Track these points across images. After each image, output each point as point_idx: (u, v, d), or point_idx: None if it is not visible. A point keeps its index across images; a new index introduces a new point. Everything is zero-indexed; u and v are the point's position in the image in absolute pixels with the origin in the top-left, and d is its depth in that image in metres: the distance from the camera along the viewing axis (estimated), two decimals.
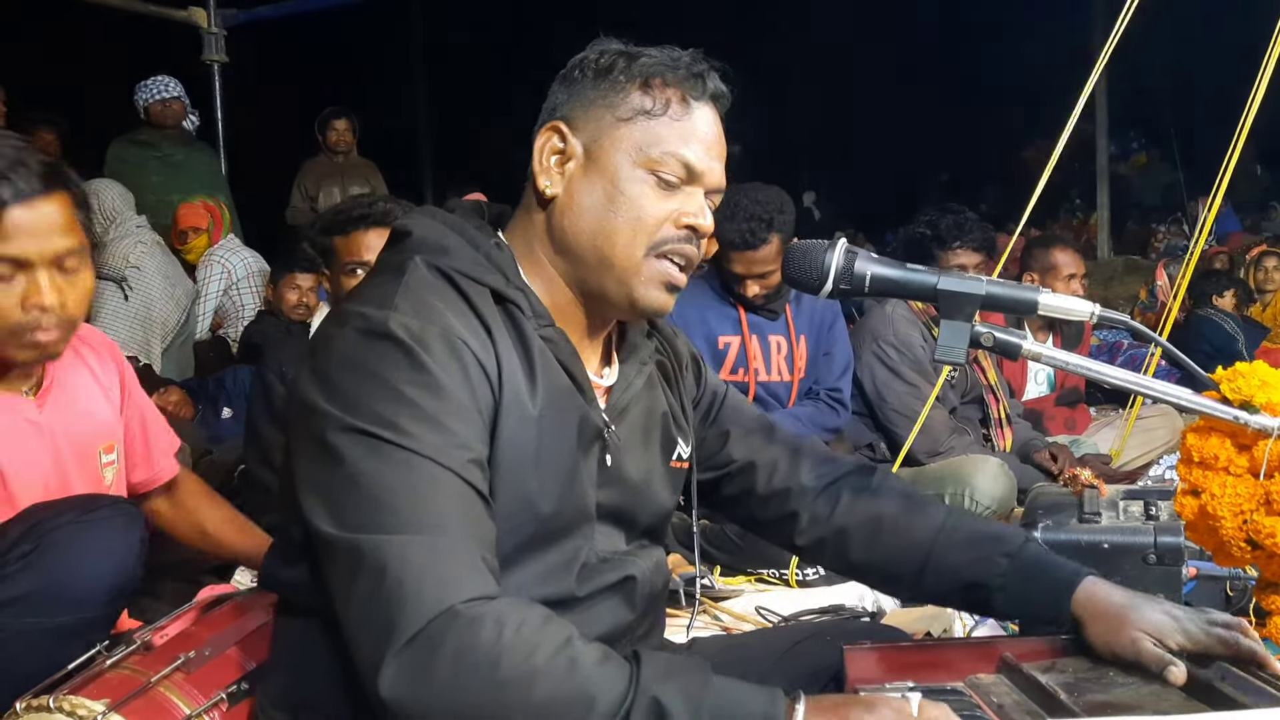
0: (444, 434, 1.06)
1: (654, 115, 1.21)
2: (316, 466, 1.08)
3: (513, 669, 0.96)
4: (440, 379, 1.08)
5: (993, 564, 1.33)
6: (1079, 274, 3.74)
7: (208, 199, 5.07)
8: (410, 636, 0.96)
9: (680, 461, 1.37)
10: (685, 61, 1.23)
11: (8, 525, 1.52)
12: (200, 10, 6.54)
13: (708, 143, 1.23)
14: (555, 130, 1.23)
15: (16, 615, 1.44)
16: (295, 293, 4.26)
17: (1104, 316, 1.25)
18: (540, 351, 1.18)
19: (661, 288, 1.22)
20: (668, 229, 1.21)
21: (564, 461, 1.18)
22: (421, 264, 1.17)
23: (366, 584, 1.00)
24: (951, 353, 1.22)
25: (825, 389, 3.22)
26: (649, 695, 0.96)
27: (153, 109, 5.43)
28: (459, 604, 0.98)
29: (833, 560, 1.44)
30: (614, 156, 1.21)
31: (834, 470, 1.44)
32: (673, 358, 1.41)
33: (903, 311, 3.29)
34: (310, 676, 1.18)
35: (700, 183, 1.23)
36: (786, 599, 2.47)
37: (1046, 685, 1.14)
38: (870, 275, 1.25)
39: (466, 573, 1.01)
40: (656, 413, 1.34)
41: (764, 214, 2.92)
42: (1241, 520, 1.37)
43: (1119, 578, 1.79)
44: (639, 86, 1.21)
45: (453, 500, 1.05)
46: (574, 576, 1.20)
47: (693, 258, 1.24)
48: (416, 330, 1.09)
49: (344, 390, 1.08)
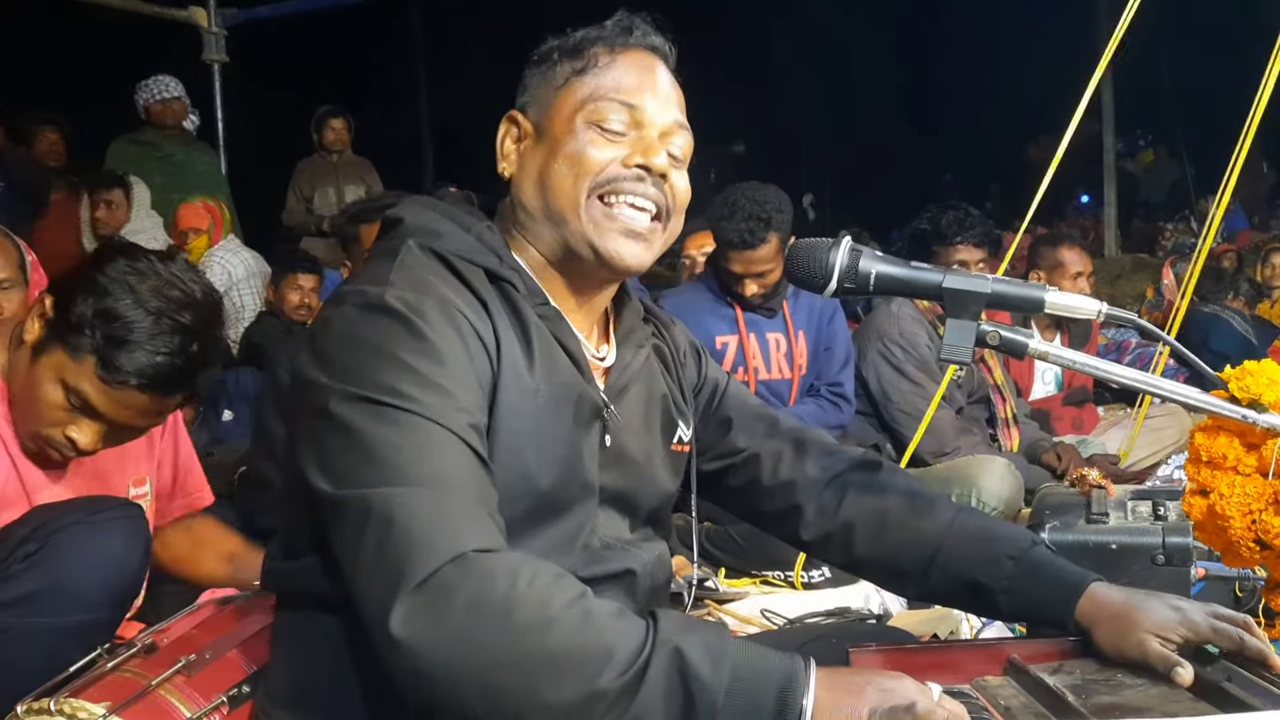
0: (444, 397, 1.07)
1: (585, 72, 1.23)
2: (321, 437, 1.07)
3: (527, 617, 0.94)
4: (439, 345, 1.08)
5: (999, 565, 1.32)
6: (1086, 272, 3.73)
7: (208, 199, 5.07)
8: (423, 579, 0.95)
9: (681, 445, 1.36)
10: (611, 21, 1.26)
11: (14, 525, 1.52)
12: (200, 10, 6.54)
13: (643, 82, 1.23)
14: (510, 119, 1.28)
15: (22, 615, 1.45)
16: (297, 293, 4.25)
17: (1111, 315, 1.23)
18: (537, 328, 1.19)
19: (619, 235, 1.21)
20: (614, 168, 1.21)
21: (563, 436, 1.18)
22: (415, 246, 1.18)
23: (375, 534, 0.99)
24: (957, 352, 1.21)
25: (826, 384, 3.21)
26: (670, 645, 0.95)
27: (153, 109, 5.44)
28: (470, 551, 0.97)
29: (839, 554, 1.42)
30: (557, 121, 1.23)
31: (840, 462, 1.42)
32: (670, 343, 1.40)
33: (908, 310, 3.28)
34: (310, 669, 1.18)
35: (645, 124, 1.23)
36: (791, 601, 2.46)
37: (1054, 687, 1.13)
38: (875, 274, 1.24)
39: (474, 524, 1.01)
40: (656, 395, 1.33)
41: (762, 213, 2.91)
42: (1250, 520, 1.36)
43: (1127, 579, 1.78)
44: (569, 55, 1.25)
45: (456, 459, 1.05)
46: (577, 553, 1.19)
47: (656, 201, 1.22)
48: (413, 301, 1.10)
49: (344, 363, 1.08)
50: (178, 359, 1.53)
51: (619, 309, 1.34)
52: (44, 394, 1.54)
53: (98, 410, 1.54)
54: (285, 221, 5.89)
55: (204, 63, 6.59)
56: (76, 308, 1.51)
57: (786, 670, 0.97)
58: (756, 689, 0.95)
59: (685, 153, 1.27)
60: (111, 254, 1.57)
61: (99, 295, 1.51)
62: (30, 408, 1.57)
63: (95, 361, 1.51)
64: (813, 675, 0.97)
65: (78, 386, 1.53)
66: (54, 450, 1.59)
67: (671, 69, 1.28)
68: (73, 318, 1.51)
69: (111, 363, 1.50)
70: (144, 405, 1.55)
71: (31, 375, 1.55)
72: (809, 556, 2.31)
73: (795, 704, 0.95)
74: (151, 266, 1.55)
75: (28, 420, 1.58)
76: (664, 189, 1.23)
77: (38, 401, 1.55)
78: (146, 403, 1.55)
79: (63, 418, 1.56)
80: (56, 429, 1.57)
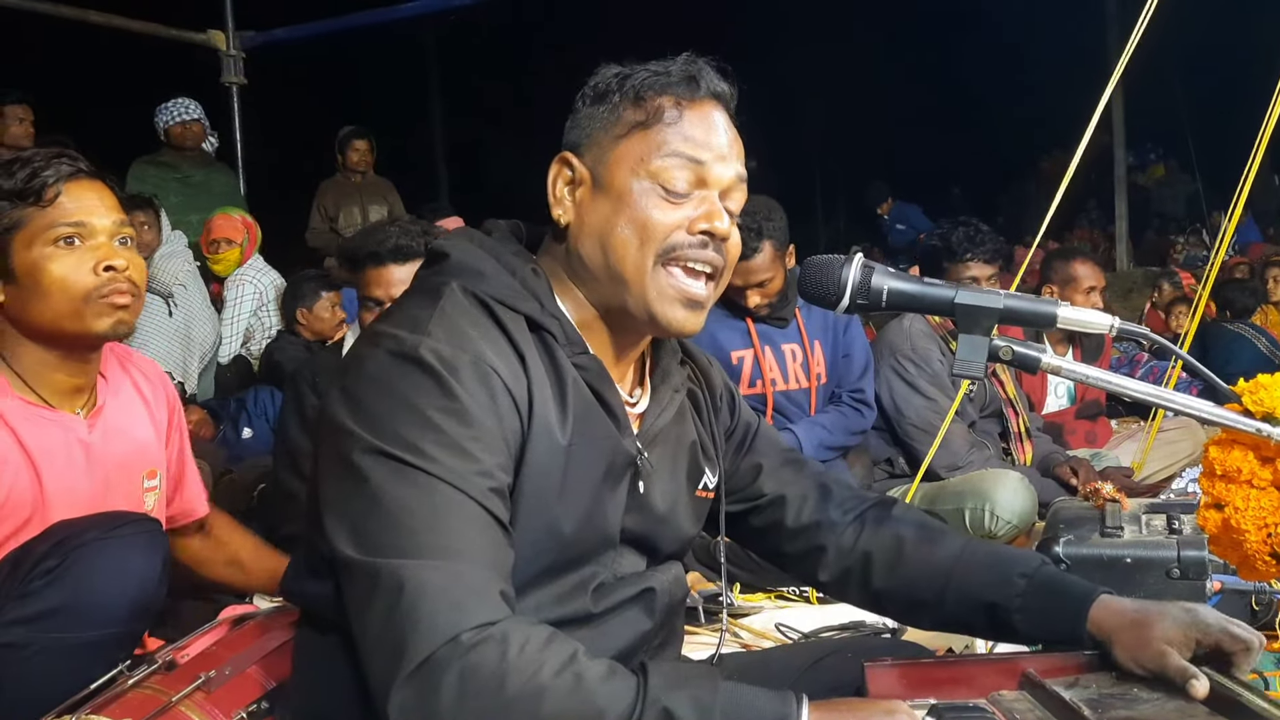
0: (467, 460, 1.07)
1: (648, 125, 1.20)
2: (340, 486, 1.09)
3: (518, 688, 0.96)
4: (468, 406, 1.08)
5: (1010, 585, 1.32)
6: (1099, 286, 3.72)
7: (246, 214, 5.10)
8: (419, 663, 0.97)
9: (706, 491, 1.37)
10: (676, 68, 1.22)
11: (34, 541, 1.54)
12: (219, 33, 6.61)
13: (708, 139, 1.21)
14: (563, 160, 1.24)
15: (42, 630, 1.46)
16: (330, 312, 4.31)
17: (1123, 329, 1.24)
18: (573, 380, 1.18)
19: (679, 304, 1.21)
20: (679, 235, 1.19)
21: (590, 490, 1.19)
22: (458, 289, 1.17)
23: (382, 606, 1.01)
24: (969, 367, 1.22)
25: (848, 391, 3.21)
26: (659, 706, 0.97)
27: (173, 131, 5.48)
28: (466, 630, 0.98)
29: (857, 590, 1.43)
30: (618, 174, 1.20)
31: (860, 504, 1.44)
32: (705, 388, 1.41)
33: (920, 326, 3.28)
34: (330, 690, 1.18)
35: (710, 184, 1.21)
36: (807, 616, 2.45)
37: (1070, 702, 1.13)
38: (887, 289, 1.25)
39: (480, 599, 1.02)
40: (685, 441, 1.34)
41: (752, 223, 2.91)
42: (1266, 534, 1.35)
43: (1142, 593, 1.77)
44: (632, 102, 1.21)
45: (471, 526, 1.06)
46: (589, 596, 1.20)
47: (715, 264, 1.22)
48: (448, 356, 1.09)
49: (371, 412, 1.09)
50: (54, 148, 1.65)
51: (655, 350, 1.34)
52: (47, 275, 1.60)
53: (82, 224, 1.61)
54: (310, 242, 5.91)
55: (223, 85, 6.66)
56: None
57: (777, 710, 0.99)
58: None
59: (741, 206, 1.26)
60: None
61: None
62: (59, 297, 1.60)
63: (30, 207, 1.59)
64: (805, 713, 0.99)
65: (48, 235, 1.60)
66: (115, 298, 1.63)
67: (732, 114, 1.26)
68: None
69: (30, 190, 1.59)
70: (92, 195, 1.65)
71: (28, 291, 1.60)
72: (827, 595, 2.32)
73: None
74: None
75: (69, 314, 1.61)
76: (723, 250, 1.23)
77: (55, 285, 1.60)
78: (92, 193, 1.65)
79: (79, 266, 1.61)
80: (89, 277, 1.61)
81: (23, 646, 1.46)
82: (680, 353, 1.38)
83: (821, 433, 3.08)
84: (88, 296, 1.61)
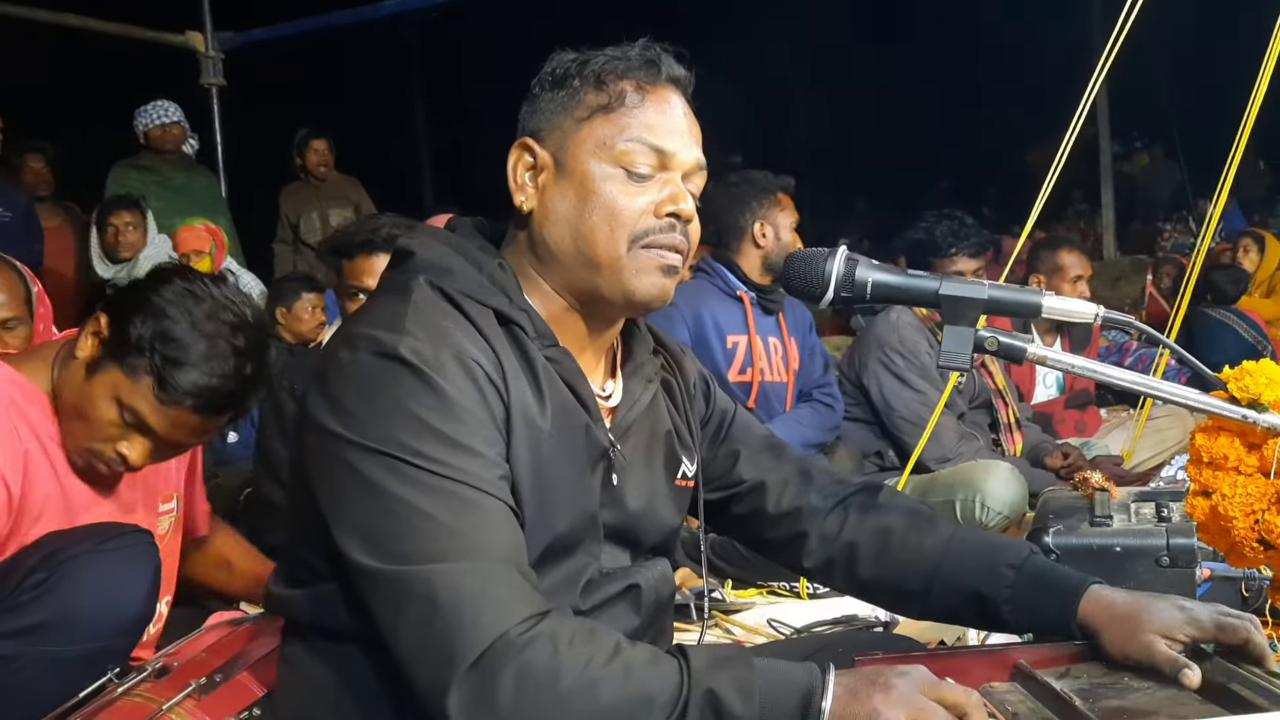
0: (472, 456, 1.08)
1: (611, 109, 1.20)
2: (342, 494, 1.08)
3: (573, 681, 0.99)
4: (458, 401, 1.08)
5: (999, 575, 1.32)
6: (1085, 275, 3.73)
7: (208, 221, 5.07)
8: (472, 662, 0.99)
9: (685, 480, 1.37)
10: (635, 52, 1.23)
11: (24, 554, 1.53)
12: (197, 35, 6.57)
13: (670, 124, 1.22)
14: (523, 146, 1.24)
15: (32, 644, 1.46)
16: (309, 313, 4.29)
17: (1109, 318, 1.24)
18: (545, 370, 1.18)
19: (655, 272, 1.21)
20: (647, 220, 1.20)
21: (573, 478, 1.19)
22: (426, 285, 1.17)
23: (418, 614, 1.02)
24: (955, 358, 1.21)
25: (816, 388, 3.25)
26: (703, 688, 1.00)
27: (152, 134, 5.44)
28: (513, 627, 1.00)
29: (842, 578, 1.42)
30: (581, 159, 1.20)
31: (843, 489, 1.43)
32: (679, 376, 1.40)
33: (908, 318, 3.29)
34: (316, 698, 1.18)
35: (672, 167, 1.22)
36: (798, 611, 2.46)
37: (1061, 692, 1.13)
38: (871, 282, 1.24)
39: (516, 594, 1.03)
40: (660, 431, 1.33)
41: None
42: (1253, 520, 1.36)
43: (1132, 581, 1.78)
44: (593, 86, 1.21)
45: (490, 521, 1.07)
46: (578, 591, 1.20)
47: (680, 247, 1.22)
48: (429, 354, 1.09)
49: (362, 416, 1.08)
50: (231, 381, 1.56)
51: (627, 340, 1.34)
52: (98, 411, 1.57)
53: (151, 428, 1.57)
54: (277, 254, 5.89)
55: (202, 86, 6.62)
56: (134, 329, 1.54)
57: (806, 682, 1.02)
58: (782, 710, 1.00)
59: (700, 190, 1.26)
60: (167, 275, 1.61)
61: (156, 317, 1.54)
62: (82, 424, 1.59)
63: (152, 382, 1.54)
64: (830, 678, 1.02)
65: (133, 405, 1.55)
66: (103, 465, 1.61)
67: (690, 100, 1.27)
68: (130, 338, 1.54)
69: (168, 383, 1.53)
70: (196, 425, 1.59)
71: (85, 392, 1.58)
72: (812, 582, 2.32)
73: (815, 707, 1.00)
74: (206, 289, 1.59)
75: (79, 436, 1.60)
76: (687, 233, 1.23)
77: (91, 418, 1.58)
78: (199, 422, 1.59)
79: (115, 434, 1.58)
80: (108, 444, 1.59)
81: (11, 659, 1.45)
82: (653, 342, 1.38)
83: (800, 430, 3.10)
84: None
